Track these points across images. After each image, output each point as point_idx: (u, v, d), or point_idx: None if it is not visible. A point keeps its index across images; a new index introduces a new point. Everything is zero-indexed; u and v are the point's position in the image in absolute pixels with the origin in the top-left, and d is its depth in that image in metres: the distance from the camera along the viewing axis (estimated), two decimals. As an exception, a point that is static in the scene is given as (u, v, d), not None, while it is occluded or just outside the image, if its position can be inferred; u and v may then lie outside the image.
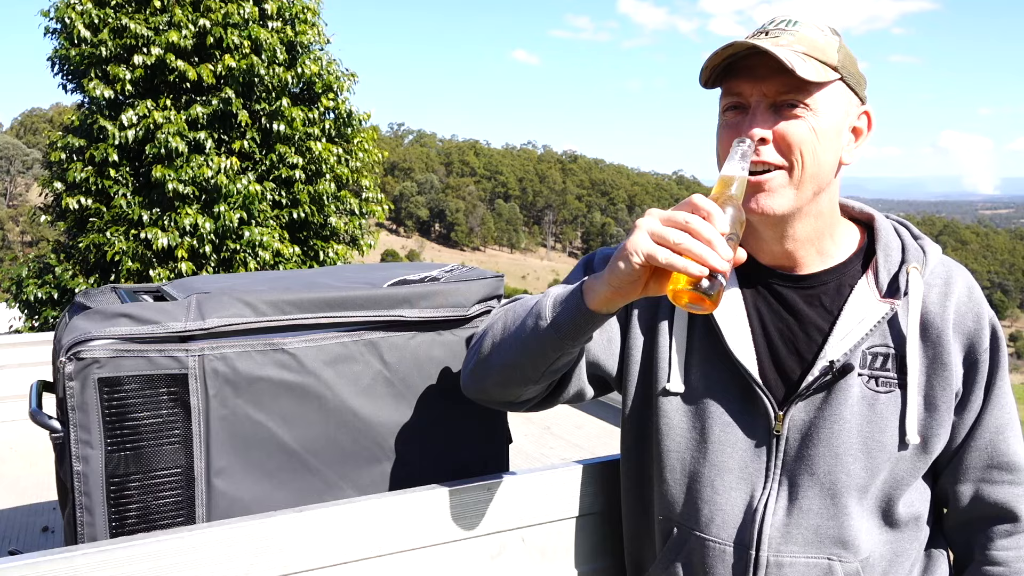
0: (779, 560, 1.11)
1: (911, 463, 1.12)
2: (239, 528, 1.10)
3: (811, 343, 1.13)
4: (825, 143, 1.07)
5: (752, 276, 1.18)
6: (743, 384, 1.14)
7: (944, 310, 1.12)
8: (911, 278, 1.11)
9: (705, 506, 1.15)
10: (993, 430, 1.15)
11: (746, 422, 1.14)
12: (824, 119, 1.06)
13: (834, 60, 1.06)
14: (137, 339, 1.21)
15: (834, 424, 1.10)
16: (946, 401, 1.12)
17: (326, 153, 9.83)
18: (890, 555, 1.15)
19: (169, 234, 8.70)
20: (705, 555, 1.15)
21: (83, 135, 9.19)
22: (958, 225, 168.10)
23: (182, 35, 8.88)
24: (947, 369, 1.11)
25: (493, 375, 1.16)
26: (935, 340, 1.11)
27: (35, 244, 64.06)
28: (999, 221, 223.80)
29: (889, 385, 1.11)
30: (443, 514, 1.24)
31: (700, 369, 1.17)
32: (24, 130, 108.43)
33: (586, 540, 1.37)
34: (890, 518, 1.15)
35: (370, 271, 1.62)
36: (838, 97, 1.08)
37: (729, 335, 1.14)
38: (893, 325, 1.12)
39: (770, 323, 1.16)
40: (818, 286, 1.15)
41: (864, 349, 1.11)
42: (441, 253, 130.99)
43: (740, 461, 1.14)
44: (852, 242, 1.19)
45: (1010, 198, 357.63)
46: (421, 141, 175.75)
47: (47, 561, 0.99)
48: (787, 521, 1.12)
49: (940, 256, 1.17)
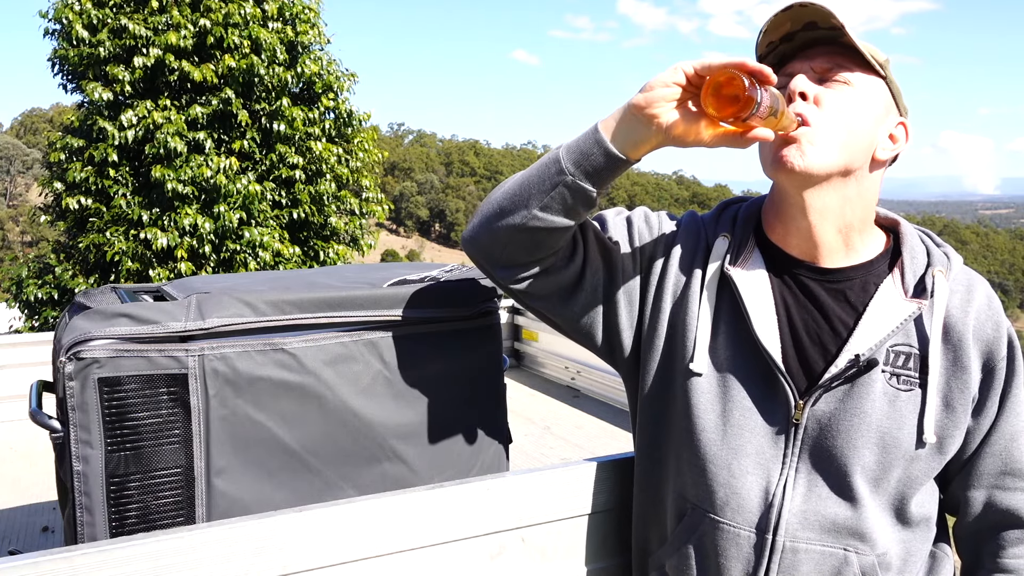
0: (795, 546, 1.11)
1: (926, 463, 1.13)
2: (239, 528, 1.10)
3: (836, 336, 1.14)
4: (860, 119, 1.10)
5: (780, 266, 1.19)
6: (766, 370, 1.14)
7: (966, 315, 1.14)
8: (937, 281, 1.13)
9: (721, 489, 1.15)
10: (1008, 437, 1.16)
11: (766, 408, 1.14)
12: (862, 101, 1.10)
13: (880, 58, 1.11)
14: (137, 339, 1.21)
15: (854, 417, 1.11)
16: (963, 404, 1.13)
17: (326, 153, 9.83)
18: (904, 554, 1.16)
19: (169, 234, 8.70)
20: (719, 538, 1.15)
21: (82, 135, 9.19)
22: (958, 225, 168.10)
23: (181, 35, 8.88)
24: (966, 373, 1.12)
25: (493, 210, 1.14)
26: (956, 343, 1.13)
27: (35, 244, 64.05)
28: (999, 221, 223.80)
29: (910, 384, 1.12)
30: (443, 514, 1.24)
31: (724, 351, 1.17)
32: (24, 130, 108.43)
33: (590, 540, 1.37)
34: (903, 517, 1.15)
35: (370, 271, 1.62)
36: (879, 92, 1.12)
37: (756, 320, 1.15)
38: (918, 325, 1.13)
39: (796, 314, 1.17)
40: (844, 281, 1.16)
41: (888, 346, 1.12)
42: (441, 253, 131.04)
43: (757, 446, 1.14)
44: (879, 244, 1.20)
45: (1010, 198, 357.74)
46: (421, 141, 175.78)
47: (47, 561, 0.99)
48: (805, 508, 1.12)
49: (962, 264, 1.19)
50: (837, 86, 1.10)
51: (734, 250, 1.20)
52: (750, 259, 1.19)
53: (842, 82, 1.10)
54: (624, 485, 1.36)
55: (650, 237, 1.27)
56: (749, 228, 1.23)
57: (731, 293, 1.18)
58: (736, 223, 1.24)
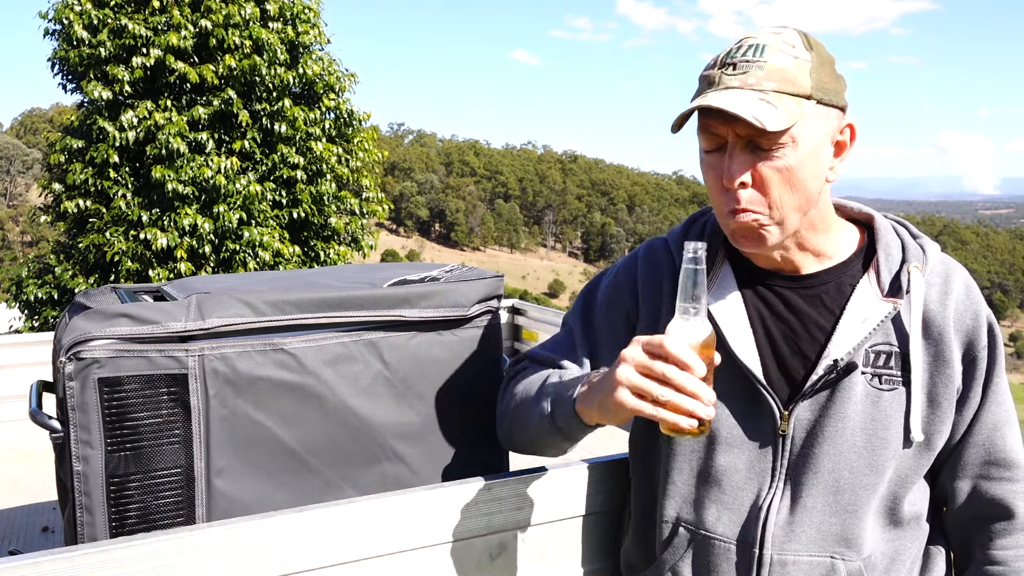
0: (783, 558, 1.11)
1: (915, 460, 1.13)
2: (239, 528, 1.10)
3: (814, 342, 1.14)
4: (806, 172, 1.05)
5: (751, 278, 1.19)
6: (748, 385, 1.14)
7: (944, 308, 1.13)
8: (912, 277, 1.12)
9: (713, 506, 1.16)
10: (991, 426, 1.16)
11: (752, 423, 1.15)
12: (802, 149, 1.04)
13: (807, 88, 1.03)
14: (137, 339, 1.21)
15: (838, 422, 1.10)
16: (948, 398, 1.12)
17: (327, 153, 9.84)
18: (892, 553, 1.16)
19: (168, 234, 8.70)
20: (710, 554, 1.15)
21: (82, 136, 9.19)
22: (958, 225, 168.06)
23: (181, 36, 8.88)
24: (949, 366, 1.12)
25: (519, 446, 1.30)
26: (937, 338, 1.12)
27: (35, 244, 64.04)
28: (999, 221, 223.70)
29: (892, 383, 1.11)
30: (443, 514, 1.24)
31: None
32: (24, 130, 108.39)
33: (590, 539, 1.37)
34: (894, 516, 1.15)
35: (370, 271, 1.62)
36: (815, 121, 1.05)
37: (732, 338, 1.14)
38: (896, 324, 1.12)
39: (772, 324, 1.16)
40: (818, 286, 1.16)
41: (867, 348, 1.12)
42: (441, 253, 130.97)
43: (747, 461, 1.15)
44: (852, 242, 1.19)
45: (1010, 198, 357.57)
46: (421, 141, 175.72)
47: (48, 561, 0.99)
48: (791, 519, 1.12)
49: (939, 255, 1.17)
50: (771, 154, 1.03)
51: None
52: (719, 276, 1.19)
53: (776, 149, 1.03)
54: (624, 485, 1.37)
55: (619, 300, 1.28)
56: (716, 243, 1.22)
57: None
58: (703, 239, 1.24)
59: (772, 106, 1.00)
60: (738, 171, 1.04)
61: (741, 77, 1.03)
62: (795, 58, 1.04)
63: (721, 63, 1.07)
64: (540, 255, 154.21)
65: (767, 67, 1.03)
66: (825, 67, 1.06)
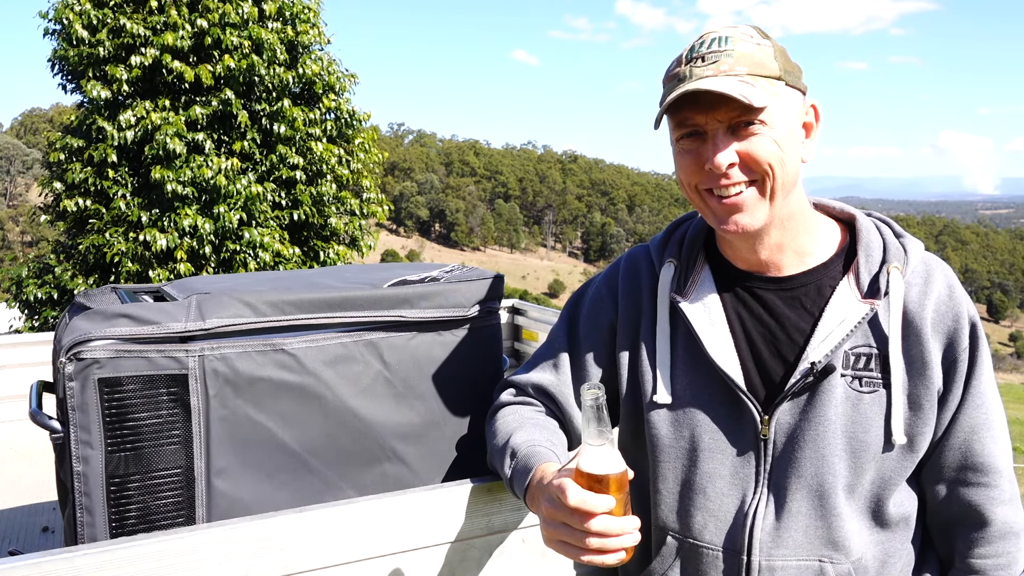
0: (771, 564, 1.11)
1: (898, 463, 1.12)
2: (239, 528, 1.10)
3: (793, 345, 1.13)
4: (787, 150, 1.08)
5: (730, 280, 1.19)
6: (728, 391, 1.14)
7: (923, 309, 1.12)
8: (892, 278, 1.12)
9: (699, 513, 1.16)
10: (968, 430, 1.14)
11: (733, 428, 1.14)
12: (780, 128, 1.07)
13: (776, 70, 1.07)
14: (137, 339, 1.21)
15: (818, 426, 1.10)
16: (929, 400, 1.11)
17: (327, 154, 9.83)
18: (882, 556, 1.15)
19: (168, 235, 8.70)
20: (699, 562, 1.15)
21: (82, 136, 9.19)
22: (958, 225, 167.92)
23: (178, 36, 8.87)
24: (929, 368, 1.11)
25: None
26: (916, 339, 1.11)
27: (35, 244, 64.04)
28: (999, 221, 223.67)
29: (873, 385, 1.11)
30: (443, 514, 1.24)
31: (685, 379, 1.17)
32: (24, 130, 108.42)
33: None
34: (880, 518, 1.14)
35: (370, 271, 1.62)
36: (787, 102, 1.08)
37: (710, 344, 1.15)
38: (875, 325, 1.12)
39: (751, 327, 1.16)
40: (798, 287, 1.15)
41: (846, 350, 1.11)
42: (441, 253, 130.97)
43: (731, 467, 1.14)
44: (833, 242, 1.19)
45: (1010, 198, 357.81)
46: (421, 141, 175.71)
47: (48, 561, 0.99)
48: (777, 525, 1.12)
49: (922, 254, 1.16)
50: (753, 131, 1.06)
51: (681, 275, 1.21)
52: (698, 282, 1.20)
53: (756, 123, 1.05)
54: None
55: (602, 312, 1.29)
56: (696, 248, 1.23)
57: (684, 320, 1.18)
58: (683, 246, 1.24)
59: (751, 86, 1.03)
60: (725, 153, 1.06)
61: (713, 67, 1.05)
62: (758, 44, 1.08)
63: (687, 60, 1.08)
64: (540, 255, 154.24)
65: (735, 54, 1.06)
66: (783, 54, 1.10)
